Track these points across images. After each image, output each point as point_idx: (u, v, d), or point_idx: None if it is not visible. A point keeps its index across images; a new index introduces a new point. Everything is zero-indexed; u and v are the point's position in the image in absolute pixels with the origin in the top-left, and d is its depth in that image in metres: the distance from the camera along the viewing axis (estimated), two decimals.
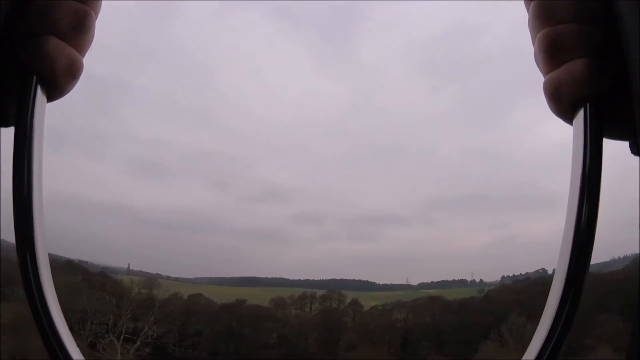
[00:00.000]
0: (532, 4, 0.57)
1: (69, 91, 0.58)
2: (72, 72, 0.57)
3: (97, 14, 0.59)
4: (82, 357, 0.50)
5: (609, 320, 39.45)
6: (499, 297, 52.29)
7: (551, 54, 0.55)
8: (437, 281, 69.08)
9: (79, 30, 0.56)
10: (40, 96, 0.54)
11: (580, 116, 0.53)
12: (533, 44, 0.58)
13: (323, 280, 67.64)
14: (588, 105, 0.53)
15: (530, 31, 0.59)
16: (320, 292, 58.71)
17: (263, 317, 52.45)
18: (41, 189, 0.52)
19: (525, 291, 50.99)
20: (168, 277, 59.77)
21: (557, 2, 0.55)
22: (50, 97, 0.57)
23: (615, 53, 0.52)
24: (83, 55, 0.59)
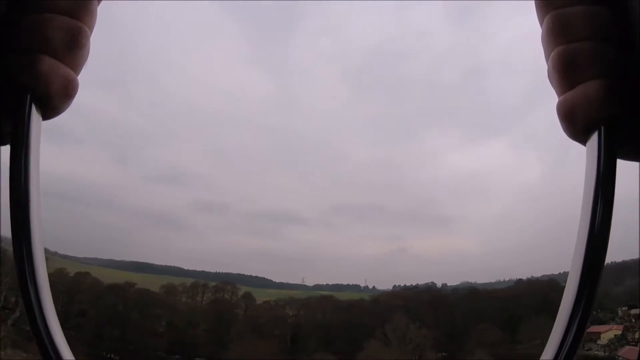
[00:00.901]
0: (547, 17, 0.56)
1: (64, 110, 0.58)
2: (67, 92, 0.56)
3: (91, 30, 0.58)
4: (73, 358, 0.51)
5: (486, 329, 47.01)
6: (388, 301, 56.10)
7: (565, 73, 0.54)
8: (333, 284, 72.05)
9: (73, 48, 0.55)
10: (35, 115, 0.54)
11: (594, 138, 0.53)
12: (546, 59, 0.57)
13: (219, 273, 65.87)
14: (602, 128, 0.52)
15: (543, 46, 0.57)
16: (213, 283, 57.27)
17: (152, 303, 50.40)
18: (39, 207, 0.52)
19: (413, 298, 56.38)
20: (56, 253, 53.52)
21: (572, 16, 0.54)
22: (46, 116, 0.56)
23: (631, 72, 0.52)
24: (78, 74, 0.57)
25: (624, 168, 0.54)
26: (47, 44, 0.54)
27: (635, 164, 0.56)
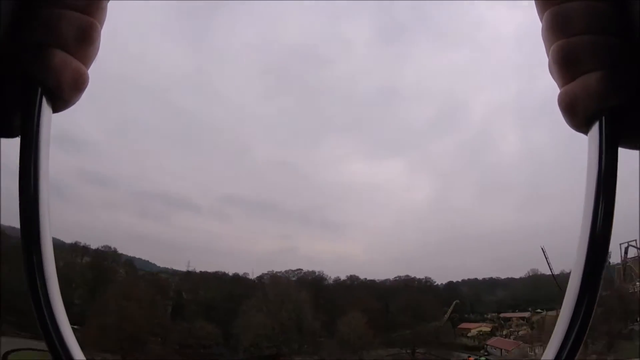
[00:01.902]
0: (547, 12, 0.57)
1: (74, 103, 0.59)
2: (78, 85, 0.57)
3: (101, 25, 0.59)
4: (84, 357, 0.52)
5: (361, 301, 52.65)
6: (272, 280, 59.21)
7: (566, 66, 0.55)
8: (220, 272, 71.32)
9: (84, 42, 0.57)
10: (45, 108, 0.55)
11: (595, 129, 0.54)
12: (547, 54, 0.58)
13: (99, 250, 63.42)
14: (603, 118, 0.54)
15: (544, 41, 0.58)
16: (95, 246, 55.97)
17: None
18: (48, 199, 0.53)
19: (296, 282, 60.75)
20: None
21: (572, 11, 0.55)
22: (56, 109, 0.58)
23: (632, 64, 0.53)
24: (88, 68, 0.59)
25: (626, 157, 0.55)
26: (59, 38, 0.55)
27: (636, 152, 0.56)
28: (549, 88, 0.58)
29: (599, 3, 0.55)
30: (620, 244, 64.76)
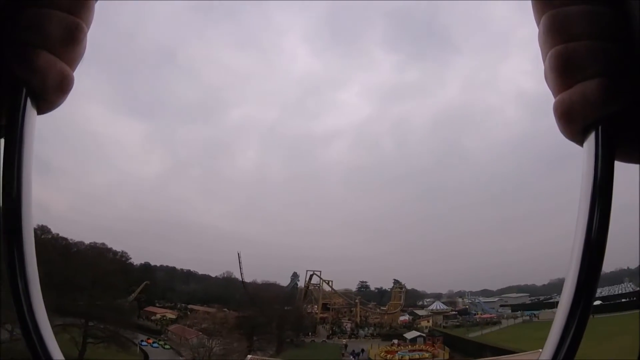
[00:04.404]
0: (544, 16, 0.55)
1: (59, 105, 0.57)
2: (63, 87, 0.55)
3: (88, 26, 0.57)
4: (63, 358, 0.50)
5: None
6: None
7: (563, 72, 0.53)
8: None
9: (70, 43, 0.55)
10: (30, 109, 0.54)
11: (591, 139, 0.52)
12: (543, 60, 0.55)
13: None
14: (600, 128, 0.52)
15: (540, 46, 0.56)
16: None
17: None
18: (30, 201, 0.52)
19: None
20: None
21: (570, 15, 0.53)
22: (40, 110, 0.56)
23: (630, 71, 0.51)
24: (74, 69, 0.57)
25: (622, 169, 0.53)
26: (45, 39, 0.54)
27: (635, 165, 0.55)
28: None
29: (599, 7, 0.53)
30: (307, 271, 78.31)
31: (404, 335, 60.66)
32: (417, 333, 60.26)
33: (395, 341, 57.45)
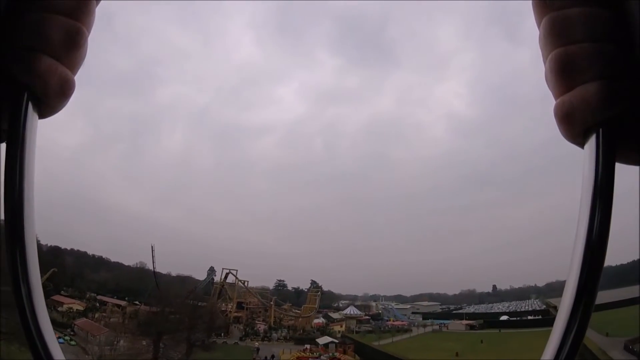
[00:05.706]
0: (545, 19, 0.55)
1: (60, 109, 0.58)
2: (64, 92, 0.56)
3: (89, 30, 0.58)
4: (64, 358, 0.51)
5: None
6: None
7: (563, 75, 0.53)
8: None
9: (71, 47, 0.55)
10: (31, 113, 0.54)
11: (592, 141, 0.52)
12: (544, 62, 0.56)
13: None
14: (600, 130, 0.52)
15: (541, 48, 0.56)
16: None
17: None
18: (32, 205, 0.52)
19: None
20: None
21: (570, 18, 0.53)
22: (42, 115, 0.56)
23: (631, 73, 0.51)
24: (75, 74, 0.58)
25: (623, 172, 0.53)
26: (46, 43, 0.54)
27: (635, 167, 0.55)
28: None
29: (599, 10, 0.54)
30: (223, 269, 78.74)
31: (317, 340, 61.63)
32: (329, 339, 61.79)
33: (307, 346, 58.38)
